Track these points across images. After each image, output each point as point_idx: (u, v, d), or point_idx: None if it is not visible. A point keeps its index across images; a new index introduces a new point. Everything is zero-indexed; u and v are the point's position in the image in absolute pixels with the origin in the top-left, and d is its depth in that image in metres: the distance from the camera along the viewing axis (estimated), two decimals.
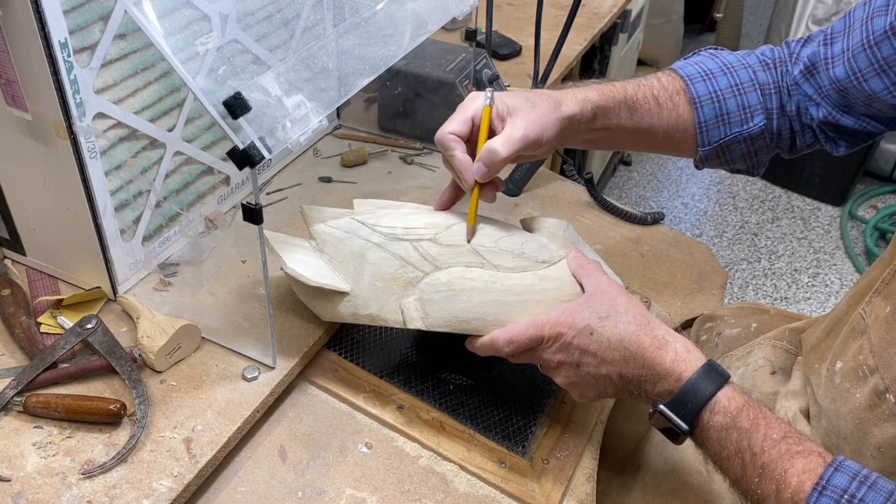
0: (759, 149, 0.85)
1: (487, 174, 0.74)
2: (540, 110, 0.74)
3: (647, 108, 0.81)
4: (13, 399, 0.72)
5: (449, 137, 0.75)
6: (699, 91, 0.82)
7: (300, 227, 0.95)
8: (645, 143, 0.85)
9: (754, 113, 0.82)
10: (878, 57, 0.72)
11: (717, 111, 0.82)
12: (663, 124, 0.82)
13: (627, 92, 0.81)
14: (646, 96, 0.81)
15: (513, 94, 0.76)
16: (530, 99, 0.75)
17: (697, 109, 0.82)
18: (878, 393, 0.69)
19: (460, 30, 1.18)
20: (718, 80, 0.82)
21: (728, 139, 0.83)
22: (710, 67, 0.83)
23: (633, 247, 1.10)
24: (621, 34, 2.03)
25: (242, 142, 0.62)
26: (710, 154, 0.84)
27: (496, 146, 0.72)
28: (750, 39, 3.67)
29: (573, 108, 0.77)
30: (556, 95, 0.77)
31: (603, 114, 0.79)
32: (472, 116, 0.75)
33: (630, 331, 0.67)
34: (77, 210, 0.77)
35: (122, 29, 0.74)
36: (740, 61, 0.84)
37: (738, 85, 0.82)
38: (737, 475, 0.62)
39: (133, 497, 0.66)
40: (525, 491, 0.74)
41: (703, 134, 0.83)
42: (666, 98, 0.82)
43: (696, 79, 0.82)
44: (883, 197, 2.75)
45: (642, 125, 0.82)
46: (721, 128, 0.82)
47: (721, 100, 0.82)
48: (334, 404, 0.81)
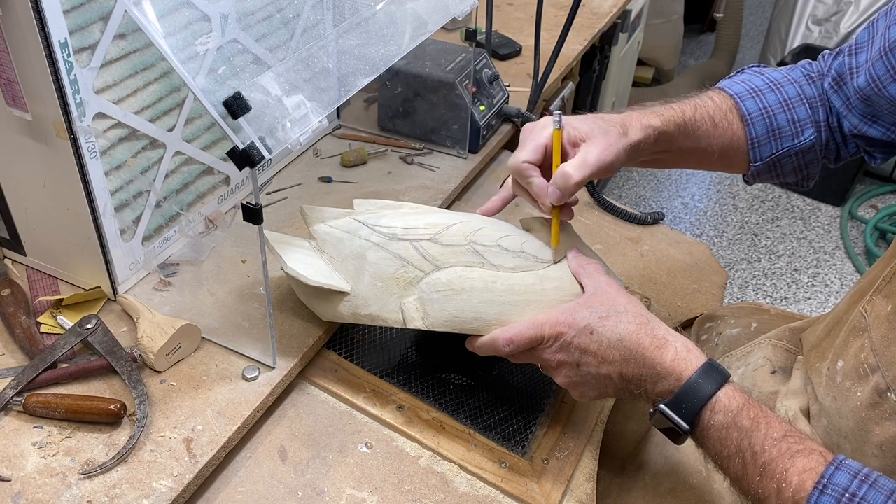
0: (809, 161, 0.86)
1: (561, 197, 0.74)
2: (611, 136, 0.75)
3: (704, 128, 0.83)
4: (13, 399, 0.72)
5: (524, 166, 0.76)
6: (749, 108, 0.83)
7: (300, 227, 0.95)
8: (701, 162, 0.87)
9: (804, 126, 0.83)
10: (895, 63, 0.74)
11: (769, 127, 0.83)
12: (719, 143, 0.84)
13: (686, 114, 0.82)
14: (703, 116, 0.83)
15: (583, 119, 0.77)
16: (600, 125, 0.76)
17: (749, 126, 0.83)
18: (879, 392, 0.69)
19: (460, 30, 1.18)
20: (767, 97, 0.83)
21: (780, 154, 0.84)
22: (758, 85, 0.84)
23: (633, 247, 1.10)
24: (621, 34, 2.03)
25: (242, 142, 0.62)
26: (762, 169, 0.86)
27: (570, 170, 0.73)
28: (750, 39, 3.67)
29: (639, 135, 0.78)
30: (624, 122, 0.78)
31: (665, 138, 0.80)
32: (546, 144, 0.76)
33: (630, 330, 0.67)
34: (77, 210, 0.77)
35: (122, 29, 0.74)
36: (786, 77, 0.85)
37: (787, 100, 0.83)
38: (737, 474, 0.62)
39: (133, 497, 0.66)
40: (525, 491, 0.74)
41: (756, 150, 0.84)
42: (721, 117, 0.83)
43: (745, 96, 0.84)
44: (883, 197, 2.74)
45: (700, 146, 0.83)
46: (773, 143, 0.84)
47: (771, 115, 0.83)
48: (334, 404, 0.81)
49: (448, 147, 1.15)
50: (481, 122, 1.13)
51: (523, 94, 1.31)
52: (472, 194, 1.15)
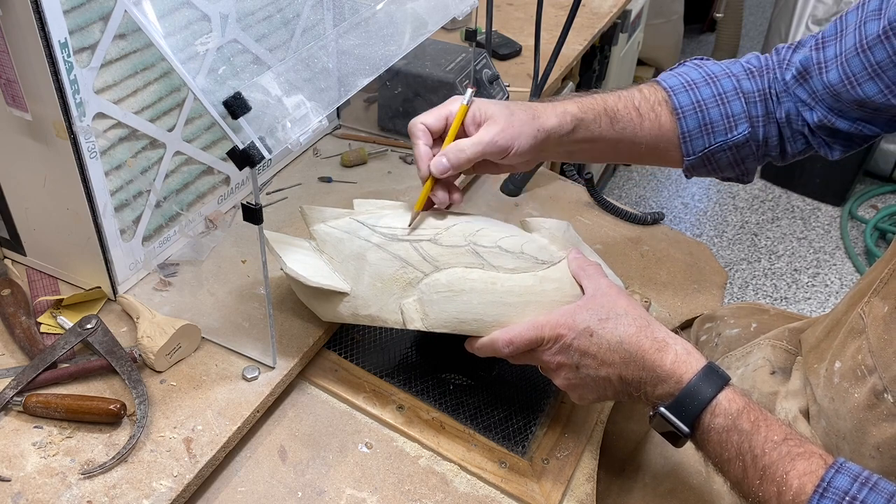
0: (745, 156, 0.85)
1: (446, 170, 0.75)
2: (516, 119, 0.76)
3: (628, 118, 0.82)
4: (13, 399, 0.72)
5: (419, 127, 0.76)
6: (682, 101, 0.83)
7: (300, 227, 0.95)
8: (629, 154, 0.86)
9: (738, 121, 0.83)
10: (872, 61, 0.73)
11: (700, 121, 0.83)
12: (646, 134, 0.83)
13: (608, 103, 0.82)
14: (626, 107, 0.82)
15: (493, 103, 0.78)
16: (510, 108, 0.77)
17: (680, 119, 0.83)
18: (876, 393, 0.69)
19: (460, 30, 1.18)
20: (701, 91, 0.83)
21: (713, 148, 0.84)
22: (694, 78, 0.84)
23: (633, 247, 1.10)
24: (621, 34, 2.03)
25: (242, 142, 0.62)
26: (696, 163, 0.85)
27: (463, 145, 0.74)
28: (750, 39, 3.67)
29: (552, 120, 0.78)
30: (536, 108, 0.78)
31: (583, 125, 0.80)
32: (448, 114, 0.77)
33: (630, 333, 0.67)
34: (77, 210, 0.77)
35: (122, 29, 0.74)
36: (724, 71, 0.84)
37: (722, 94, 0.83)
38: (738, 477, 0.62)
39: (133, 497, 0.66)
40: (525, 491, 0.74)
41: (688, 144, 0.84)
42: (647, 109, 0.83)
43: (679, 90, 0.83)
44: (883, 197, 2.74)
45: (625, 136, 0.83)
46: (705, 137, 0.83)
47: (704, 109, 0.82)
48: (334, 404, 0.81)
49: None
50: None
51: (523, 94, 1.31)
52: (473, 194, 1.15)
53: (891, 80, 0.72)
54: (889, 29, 0.71)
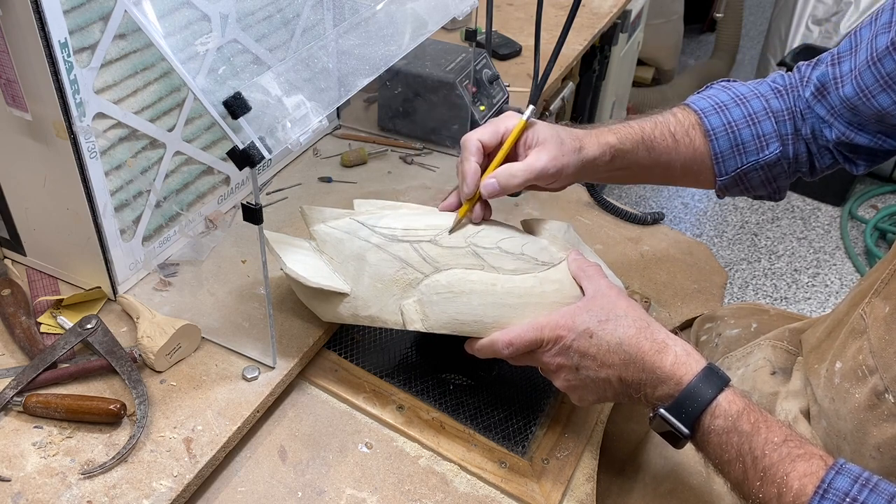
0: (777, 175, 0.86)
1: (495, 193, 0.75)
2: (566, 148, 0.77)
3: (664, 145, 0.83)
4: (13, 399, 0.72)
5: (475, 143, 0.76)
6: (713, 123, 0.84)
7: (300, 227, 0.95)
8: (664, 177, 0.88)
9: (769, 141, 0.84)
10: (883, 73, 0.74)
11: (732, 142, 0.84)
12: (681, 158, 0.85)
13: (645, 131, 0.83)
14: (663, 133, 0.83)
15: (545, 126, 0.78)
16: (559, 135, 0.78)
17: (713, 141, 0.84)
18: (877, 393, 0.69)
19: (460, 30, 1.18)
20: (732, 112, 0.84)
21: (745, 168, 0.85)
22: (723, 100, 0.85)
23: (633, 247, 1.10)
24: (621, 34, 2.02)
25: (242, 142, 0.62)
26: (728, 183, 0.86)
27: (516, 171, 0.74)
28: (750, 39, 3.67)
29: (594, 151, 0.79)
30: (581, 137, 0.79)
31: (621, 155, 0.81)
32: (504, 131, 0.77)
33: (630, 334, 0.67)
34: (77, 210, 0.77)
35: (122, 29, 0.74)
36: (752, 91, 0.85)
37: (752, 115, 0.84)
38: (738, 479, 0.62)
39: (133, 497, 0.66)
40: (525, 491, 0.74)
41: (720, 164, 0.85)
42: (682, 133, 0.84)
43: (710, 112, 0.84)
44: (883, 197, 2.74)
45: (660, 161, 0.84)
46: (737, 157, 0.84)
47: (735, 130, 0.83)
48: (334, 404, 0.81)
49: (448, 147, 1.15)
50: (481, 122, 1.12)
51: (523, 94, 1.31)
52: None
53: None
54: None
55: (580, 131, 0.80)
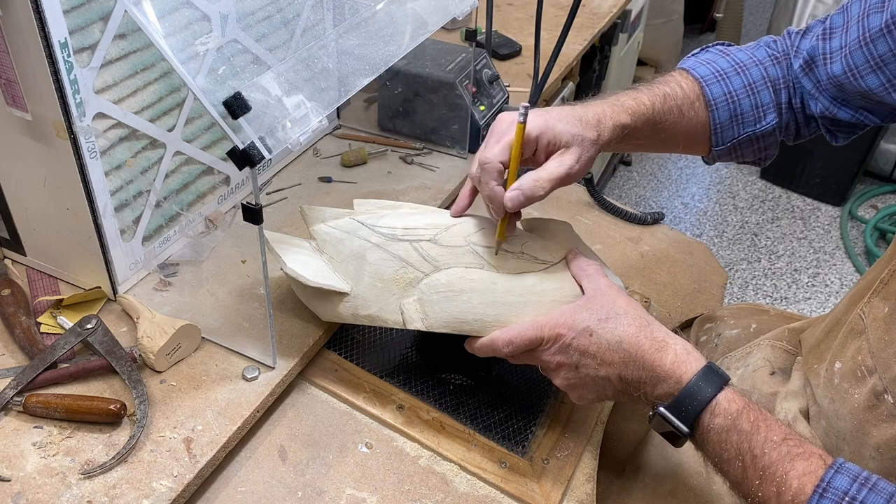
0: (769, 144, 0.86)
1: (521, 204, 0.71)
2: (586, 144, 0.73)
3: (671, 120, 0.82)
4: (13, 399, 0.72)
5: (497, 167, 0.71)
6: (714, 93, 0.82)
7: (300, 227, 0.95)
8: (664, 147, 0.87)
9: (767, 111, 0.83)
10: (874, 54, 0.73)
11: (732, 112, 0.83)
12: (683, 132, 0.84)
13: (655, 108, 0.80)
14: (670, 108, 0.81)
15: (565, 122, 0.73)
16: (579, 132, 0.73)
17: (713, 112, 0.83)
18: (876, 393, 0.69)
19: (460, 30, 1.18)
20: (732, 81, 0.83)
21: (741, 138, 0.84)
22: (723, 67, 0.83)
23: (633, 247, 1.10)
24: (621, 34, 2.03)
25: (242, 142, 0.62)
26: (722, 152, 0.86)
27: (542, 181, 0.70)
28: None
29: (609, 135, 0.76)
30: (599, 121, 0.75)
31: (631, 133, 0.79)
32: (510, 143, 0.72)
33: (630, 333, 0.67)
34: (77, 210, 0.77)
35: (122, 29, 0.74)
36: (751, 58, 0.84)
37: (752, 84, 0.83)
38: (737, 478, 0.62)
39: (133, 497, 0.66)
40: (525, 491, 0.74)
41: (718, 135, 0.84)
42: (688, 107, 0.83)
43: (711, 80, 0.83)
44: (883, 197, 2.75)
45: (665, 136, 0.83)
46: (735, 128, 0.84)
47: (736, 101, 0.83)
48: (334, 404, 0.81)
49: (448, 147, 1.15)
50: (481, 123, 1.13)
51: (523, 94, 1.31)
52: None
53: (892, 74, 0.73)
54: (892, 22, 0.71)
55: (597, 111, 0.76)
